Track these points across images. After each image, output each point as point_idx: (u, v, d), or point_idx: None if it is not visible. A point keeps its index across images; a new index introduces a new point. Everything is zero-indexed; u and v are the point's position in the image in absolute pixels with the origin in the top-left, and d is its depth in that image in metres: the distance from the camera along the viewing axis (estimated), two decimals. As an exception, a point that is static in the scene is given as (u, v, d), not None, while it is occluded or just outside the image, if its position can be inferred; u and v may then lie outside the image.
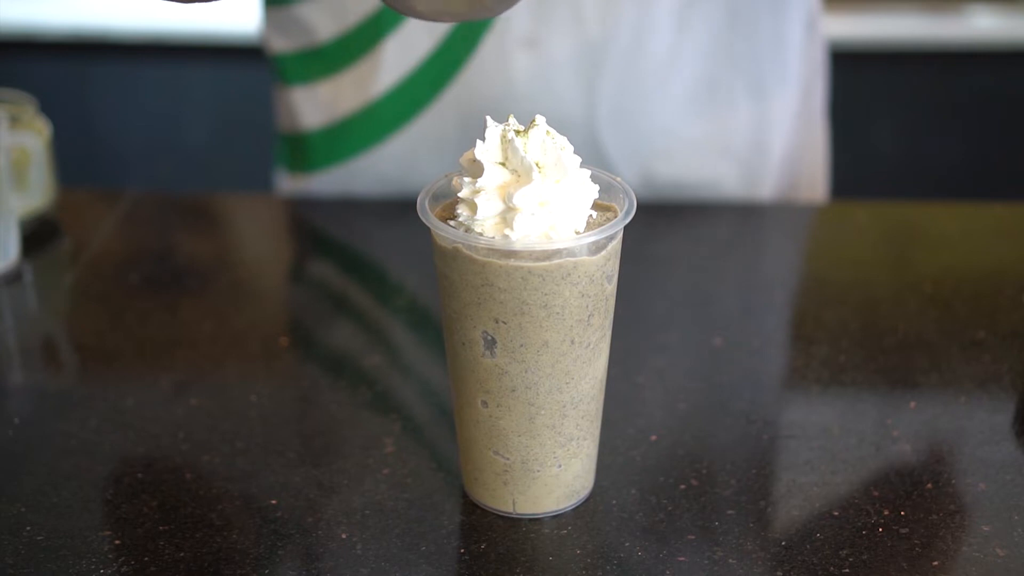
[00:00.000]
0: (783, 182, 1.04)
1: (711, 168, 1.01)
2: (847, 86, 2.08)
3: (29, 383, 0.78)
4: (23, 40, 2.14)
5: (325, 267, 0.96)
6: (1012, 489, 0.64)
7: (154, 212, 1.01)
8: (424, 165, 1.00)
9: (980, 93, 2.13)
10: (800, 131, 1.04)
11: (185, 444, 0.68)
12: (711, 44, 0.97)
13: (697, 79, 0.98)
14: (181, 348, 0.79)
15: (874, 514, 0.62)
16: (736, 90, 0.99)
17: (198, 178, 2.21)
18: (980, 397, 0.73)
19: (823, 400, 0.73)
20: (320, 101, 1.01)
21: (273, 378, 0.76)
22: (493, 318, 0.57)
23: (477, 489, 0.63)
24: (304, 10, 0.98)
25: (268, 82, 1.08)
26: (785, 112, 1.02)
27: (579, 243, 0.56)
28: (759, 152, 1.01)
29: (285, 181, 1.08)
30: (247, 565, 0.59)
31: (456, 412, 0.62)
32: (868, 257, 0.92)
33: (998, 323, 0.81)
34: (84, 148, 2.20)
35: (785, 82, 1.00)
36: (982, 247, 0.96)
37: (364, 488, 0.64)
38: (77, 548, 0.60)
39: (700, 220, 0.99)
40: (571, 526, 0.62)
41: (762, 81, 0.99)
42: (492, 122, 0.57)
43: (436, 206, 0.60)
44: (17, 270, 0.88)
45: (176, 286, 0.89)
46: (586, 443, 0.62)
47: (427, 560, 0.59)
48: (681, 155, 1.00)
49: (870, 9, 2.10)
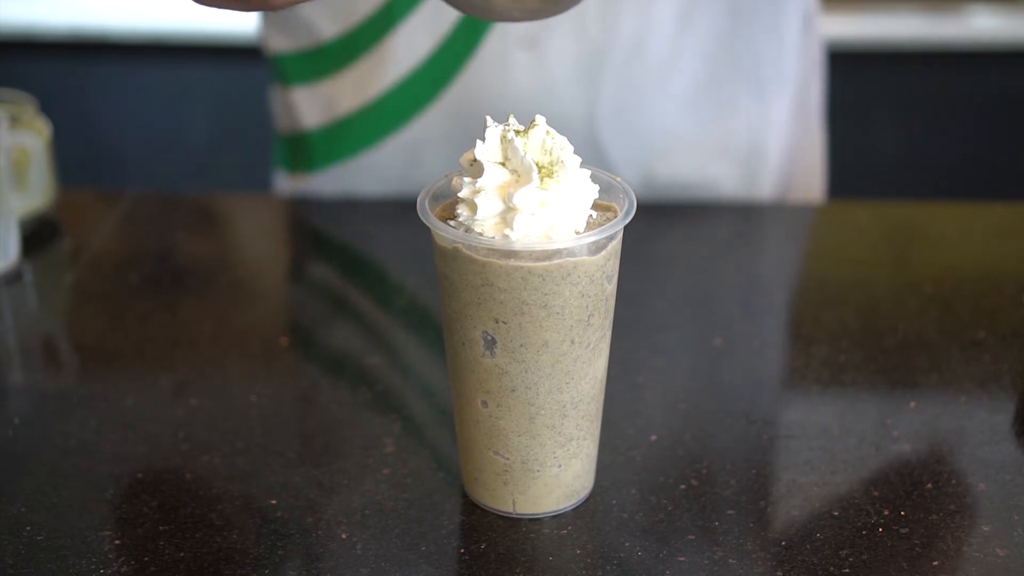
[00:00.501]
0: (781, 182, 1.04)
1: (710, 168, 1.01)
2: (847, 86, 2.07)
3: (29, 383, 0.78)
4: (23, 40, 2.14)
5: (325, 267, 0.96)
6: (1012, 489, 0.64)
7: (154, 212, 1.01)
8: (424, 165, 1.00)
9: (980, 93, 2.13)
10: (797, 131, 1.04)
11: (185, 444, 0.68)
12: (712, 44, 0.97)
13: (698, 79, 0.98)
14: (181, 348, 0.79)
15: (874, 514, 0.62)
16: (736, 90, 0.99)
17: (198, 178, 2.21)
18: (980, 397, 0.73)
19: (823, 400, 0.73)
20: (320, 100, 1.01)
21: (273, 378, 0.76)
22: (493, 318, 0.57)
23: (477, 489, 0.63)
24: (306, 9, 0.98)
25: (268, 82, 1.08)
26: (783, 111, 1.02)
27: (579, 243, 0.56)
28: (758, 152, 1.01)
29: (284, 182, 1.08)
30: (247, 565, 0.59)
31: (456, 412, 0.62)
32: (868, 257, 0.92)
33: (998, 323, 0.81)
34: (84, 148, 2.20)
35: (783, 81, 1.00)
36: (982, 247, 0.96)
37: (364, 488, 0.64)
38: (77, 548, 0.60)
39: (700, 220, 0.99)
40: (571, 526, 0.62)
41: (762, 81, 0.99)
42: (492, 122, 0.57)
43: (436, 206, 0.60)
44: (17, 270, 0.88)
45: (176, 286, 0.89)
46: (586, 443, 0.62)
47: (427, 560, 0.59)
48: (681, 155, 1.00)
49: (870, 9, 2.10)
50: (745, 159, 1.01)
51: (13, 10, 2.14)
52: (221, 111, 2.21)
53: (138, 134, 2.24)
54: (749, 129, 1.00)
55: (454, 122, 0.98)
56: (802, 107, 1.04)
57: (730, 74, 0.98)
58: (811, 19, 1.02)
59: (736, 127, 1.00)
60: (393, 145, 1.00)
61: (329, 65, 1.00)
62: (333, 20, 0.98)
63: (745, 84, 0.99)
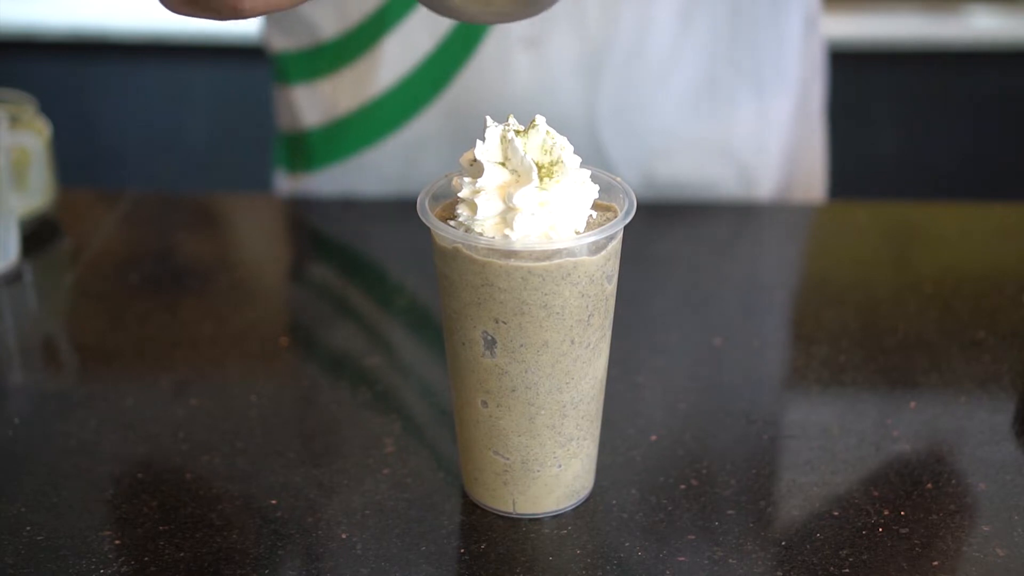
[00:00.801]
0: (781, 182, 1.04)
1: (711, 168, 1.01)
2: (847, 86, 2.08)
3: (29, 383, 0.78)
4: (23, 40, 2.14)
5: (325, 267, 0.96)
6: (1012, 489, 0.64)
7: (154, 212, 1.01)
8: (424, 165, 1.00)
9: (980, 93, 2.13)
10: (798, 132, 1.04)
11: (185, 444, 0.68)
12: (712, 44, 0.97)
13: (698, 79, 0.98)
14: (181, 348, 0.79)
15: (874, 514, 0.62)
16: (736, 90, 0.99)
17: (198, 178, 2.21)
18: (980, 397, 0.73)
19: (823, 400, 0.73)
20: (320, 99, 1.01)
21: (273, 378, 0.76)
22: (493, 318, 0.57)
23: (477, 489, 0.63)
24: (307, 8, 0.98)
25: (268, 82, 1.08)
26: (784, 112, 1.02)
27: (579, 243, 0.56)
28: (758, 152, 1.01)
29: (284, 181, 1.08)
30: (247, 565, 0.59)
31: (456, 412, 0.62)
32: (868, 257, 0.92)
33: (998, 323, 0.81)
34: (84, 148, 2.20)
35: (784, 82, 1.00)
36: (982, 247, 0.96)
37: (364, 488, 0.64)
38: (77, 548, 0.60)
39: (700, 220, 0.99)
40: (571, 526, 0.62)
41: (762, 81, 0.99)
42: (492, 122, 0.57)
43: (436, 206, 0.60)
44: (17, 270, 0.88)
45: (176, 286, 0.89)
46: (586, 443, 0.62)
47: (427, 560, 0.59)
48: (681, 155, 1.00)
49: (870, 9, 2.10)
50: (744, 159, 1.01)
51: (13, 10, 2.14)
52: (221, 111, 2.21)
53: (138, 134, 2.24)
54: (749, 130, 1.00)
55: (454, 122, 0.98)
56: (803, 109, 1.04)
57: (730, 74, 0.98)
58: (813, 21, 1.02)
59: (736, 127, 1.00)
60: (393, 145, 1.00)
61: (328, 64, 1.00)
62: (333, 19, 0.98)
63: (746, 84, 0.99)
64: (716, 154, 1.01)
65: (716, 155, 1.01)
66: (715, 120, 1.00)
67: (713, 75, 0.98)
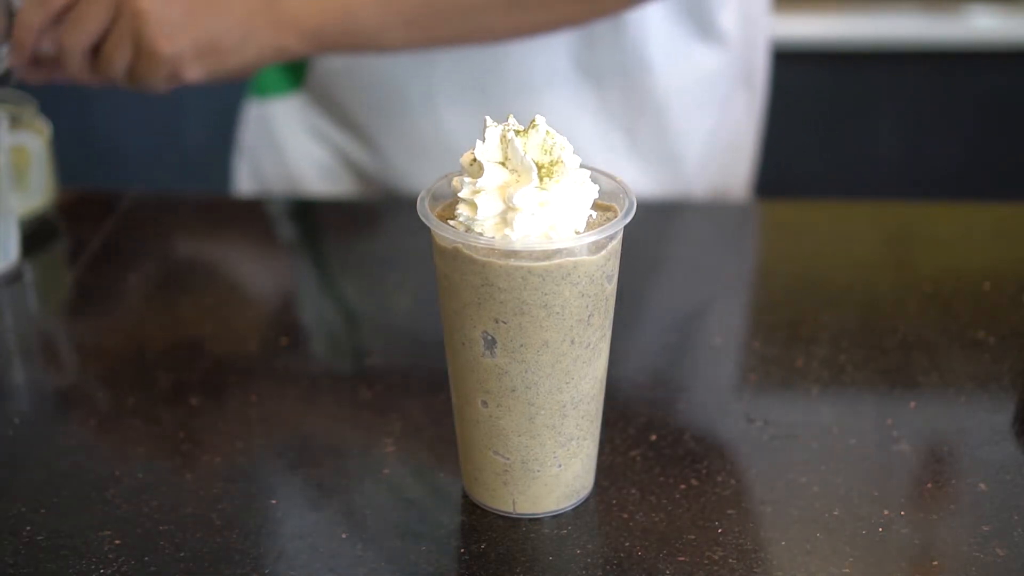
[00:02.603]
0: (707, 186, 1.04)
1: (627, 173, 1.00)
2: (847, 86, 2.08)
3: (29, 383, 0.78)
4: (23, 40, 2.14)
5: (325, 267, 0.96)
6: (1012, 489, 0.64)
7: (154, 212, 1.01)
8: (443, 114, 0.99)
9: (980, 93, 2.13)
10: (719, 145, 1.04)
11: (185, 444, 0.68)
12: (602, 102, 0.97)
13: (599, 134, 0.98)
14: (181, 348, 0.79)
15: (874, 514, 0.62)
16: (640, 125, 0.99)
17: (198, 178, 2.21)
18: (980, 397, 0.73)
19: (823, 400, 0.73)
20: None
21: (273, 378, 0.76)
22: (493, 318, 0.57)
23: (477, 489, 0.63)
24: None
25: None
26: (699, 132, 1.01)
27: (579, 243, 0.56)
28: (672, 163, 1.01)
29: (253, 108, 1.08)
30: (247, 565, 0.59)
31: (456, 412, 0.62)
32: (868, 257, 0.92)
33: (998, 323, 0.81)
34: (84, 148, 2.20)
35: (685, 108, 0.99)
36: (982, 247, 0.96)
37: (364, 488, 0.64)
38: (77, 548, 0.60)
39: (700, 220, 0.99)
40: (571, 526, 0.62)
41: (661, 112, 0.99)
42: (492, 122, 0.57)
43: (436, 206, 0.60)
44: (17, 270, 0.88)
45: (176, 286, 0.89)
46: (586, 443, 0.62)
47: (427, 560, 0.59)
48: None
49: (870, 9, 2.10)
50: (660, 166, 1.01)
51: (13, 10, 2.13)
52: (221, 111, 2.21)
53: (138, 134, 2.24)
54: (658, 151, 1.00)
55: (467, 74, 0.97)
56: (724, 124, 1.03)
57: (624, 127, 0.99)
58: (721, 36, 0.99)
59: (647, 148, 1.00)
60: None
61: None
62: None
63: (645, 120, 0.99)
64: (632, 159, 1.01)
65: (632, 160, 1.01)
66: (628, 143, 1.00)
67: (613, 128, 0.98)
